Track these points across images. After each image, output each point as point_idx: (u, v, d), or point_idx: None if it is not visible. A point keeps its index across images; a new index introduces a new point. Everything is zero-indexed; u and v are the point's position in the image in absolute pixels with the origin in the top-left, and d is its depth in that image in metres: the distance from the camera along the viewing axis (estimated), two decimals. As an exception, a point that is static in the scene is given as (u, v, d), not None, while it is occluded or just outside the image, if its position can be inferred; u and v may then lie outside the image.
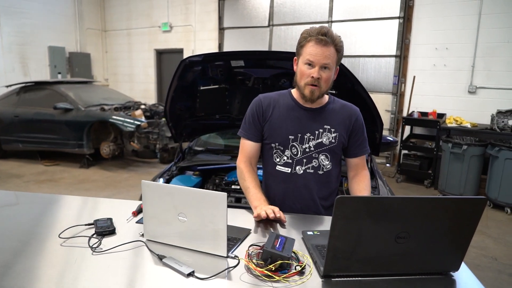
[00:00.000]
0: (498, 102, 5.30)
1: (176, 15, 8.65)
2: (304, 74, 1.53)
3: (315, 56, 1.48)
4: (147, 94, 9.29)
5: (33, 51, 8.33)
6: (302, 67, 1.53)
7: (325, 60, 1.48)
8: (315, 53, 1.48)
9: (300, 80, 1.56)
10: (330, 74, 1.52)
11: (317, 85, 1.51)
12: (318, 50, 1.48)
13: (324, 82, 1.52)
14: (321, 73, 1.50)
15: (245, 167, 1.65)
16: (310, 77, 1.50)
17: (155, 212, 1.21)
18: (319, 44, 1.48)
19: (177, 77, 2.33)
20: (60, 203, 1.66)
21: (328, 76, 1.52)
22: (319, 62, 1.48)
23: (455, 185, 4.70)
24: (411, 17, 5.99)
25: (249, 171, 1.64)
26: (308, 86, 1.53)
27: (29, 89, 6.43)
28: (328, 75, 1.52)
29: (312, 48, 1.49)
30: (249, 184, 1.59)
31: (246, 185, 1.60)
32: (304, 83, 1.53)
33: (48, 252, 1.18)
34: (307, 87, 1.53)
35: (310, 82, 1.51)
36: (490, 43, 5.39)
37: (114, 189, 5.00)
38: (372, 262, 1.01)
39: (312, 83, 1.51)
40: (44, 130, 6.01)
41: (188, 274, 1.03)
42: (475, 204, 0.96)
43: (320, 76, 1.50)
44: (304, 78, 1.53)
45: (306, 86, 1.53)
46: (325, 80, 1.52)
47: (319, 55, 1.48)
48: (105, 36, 9.94)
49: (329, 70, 1.51)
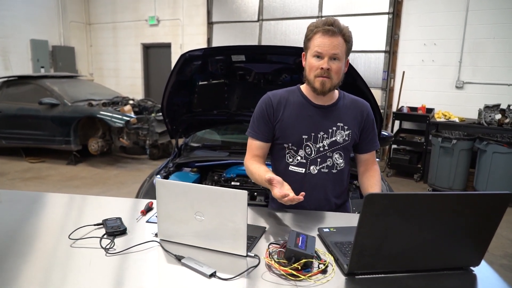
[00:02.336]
0: (484, 97, 5.42)
1: (164, 9, 8.49)
2: (313, 66, 1.48)
3: (323, 47, 1.44)
4: (134, 89, 9.11)
5: (14, 44, 8.03)
6: (311, 60, 1.49)
7: (333, 50, 1.44)
8: (322, 44, 1.44)
9: (309, 74, 1.51)
10: (340, 65, 1.48)
11: (328, 77, 1.47)
12: (325, 41, 1.44)
13: (335, 74, 1.48)
14: (330, 64, 1.46)
15: (252, 163, 1.59)
16: (320, 69, 1.46)
17: (170, 211, 1.17)
18: (326, 35, 1.44)
19: (176, 71, 2.28)
20: (58, 201, 1.60)
21: (338, 67, 1.48)
22: (328, 52, 1.44)
23: (445, 179, 4.79)
24: (400, 12, 6.04)
25: (257, 162, 1.59)
26: (318, 78, 1.48)
27: (12, 83, 6.23)
28: (338, 66, 1.47)
29: (319, 40, 1.45)
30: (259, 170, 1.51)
31: (251, 170, 1.55)
32: (314, 76, 1.49)
33: (59, 254, 1.13)
34: (317, 80, 1.49)
35: (320, 74, 1.47)
36: (476, 39, 5.49)
37: (103, 186, 4.90)
38: (397, 258, 1.00)
39: (321, 75, 1.47)
40: (28, 126, 5.83)
41: (210, 275, 1.01)
42: (500, 200, 0.96)
43: (330, 67, 1.45)
44: (314, 71, 1.48)
45: (316, 79, 1.49)
46: (336, 71, 1.47)
47: (327, 45, 1.44)
48: (89, 30, 9.68)
49: (339, 61, 1.47)
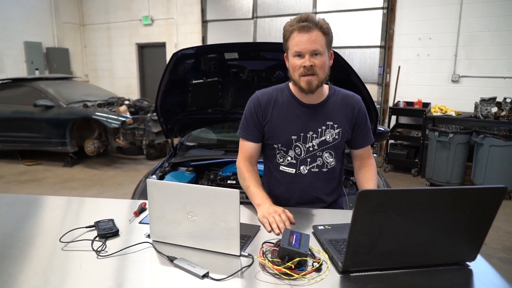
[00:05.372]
0: (480, 90, 5.41)
1: (157, 8, 8.44)
2: (296, 66, 1.44)
3: (301, 45, 1.41)
4: (129, 90, 9.07)
5: (7, 46, 7.97)
6: (293, 60, 1.45)
7: (312, 46, 1.40)
8: (300, 42, 1.41)
9: (293, 74, 1.48)
10: (323, 59, 1.44)
11: (313, 73, 1.43)
12: (302, 38, 1.40)
13: (320, 69, 1.43)
14: (313, 60, 1.42)
15: (245, 166, 1.59)
16: (303, 67, 1.42)
17: (162, 212, 1.16)
18: (302, 32, 1.40)
19: (168, 70, 2.26)
20: (53, 204, 1.58)
21: (322, 61, 1.43)
22: (307, 49, 1.40)
23: (442, 173, 4.78)
24: (394, 7, 6.02)
25: (249, 170, 1.57)
26: (303, 77, 1.44)
27: (6, 86, 6.18)
28: (321, 60, 1.43)
29: (296, 38, 1.42)
30: (249, 183, 1.53)
31: (246, 185, 1.54)
32: (298, 75, 1.45)
33: (49, 257, 1.12)
34: (302, 79, 1.45)
35: (304, 72, 1.43)
36: (471, 32, 5.48)
37: (100, 187, 4.87)
38: (392, 255, 0.99)
39: (306, 73, 1.43)
40: (24, 128, 5.79)
41: (203, 276, 0.99)
42: (494, 194, 0.95)
43: (313, 63, 1.42)
44: (297, 70, 1.45)
45: (301, 78, 1.45)
46: (320, 66, 1.43)
47: (305, 42, 1.40)
48: (83, 31, 9.62)
49: (321, 55, 1.43)
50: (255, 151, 1.62)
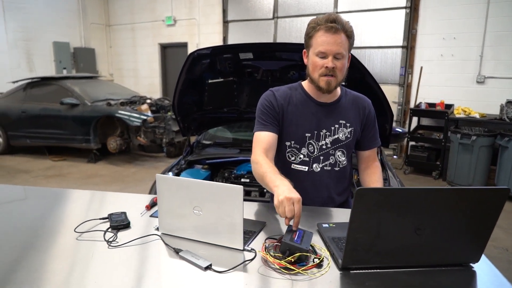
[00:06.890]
0: (507, 91, 5.24)
1: (180, 9, 8.60)
2: (317, 65, 1.46)
3: (326, 46, 1.41)
4: (152, 89, 9.27)
5: (38, 47, 8.33)
6: (314, 59, 1.46)
7: (337, 48, 1.41)
8: (326, 42, 1.41)
9: (313, 73, 1.49)
10: (344, 62, 1.46)
11: (333, 75, 1.45)
12: (329, 39, 1.41)
13: (339, 71, 1.46)
14: (335, 62, 1.43)
15: (263, 159, 1.42)
16: (324, 68, 1.44)
17: (170, 205, 1.20)
18: (329, 32, 1.41)
19: (185, 70, 2.32)
20: (72, 197, 1.67)
21: (342, 64, 1.46)
22: (332, 51, 1.42)
23: (464, 176, 4.66)
24: (418, 7, 5.91)
25: (265, 159, 1.42)
26: (323, 77, 1.46)
27: (36, 84, 6.46)
28: (342, 63, 1.45)
29: (322, 38, 1.42)
30: (266, 169, 1.35)
31: (261, 171, 1.36)
32: (319, 75, 1.46)
33: (64, 246, 1.19)
34: (322, 79, 1.46)
35: (325, 72, 1.45)
36: (499, 31, 5.31)
37: (122, 184, 5.02)
38: (392, 254, 1.00)
39: (327, 74, 1.45)
40: (51, 125, 6.04)
41: (205, 268, 1.03)
42: (496, 195, 0.94)
43: (335, 65, 1.43)
44: (318, 70, 1.46)
45: (321, 78, 1.46)
46: (340, 69, 1.46)
47: (331, 44, 1.41)
48: (109, 31, 9.91)
49: (343, 58, 1.45)
50: (273, 141, 1.52)
